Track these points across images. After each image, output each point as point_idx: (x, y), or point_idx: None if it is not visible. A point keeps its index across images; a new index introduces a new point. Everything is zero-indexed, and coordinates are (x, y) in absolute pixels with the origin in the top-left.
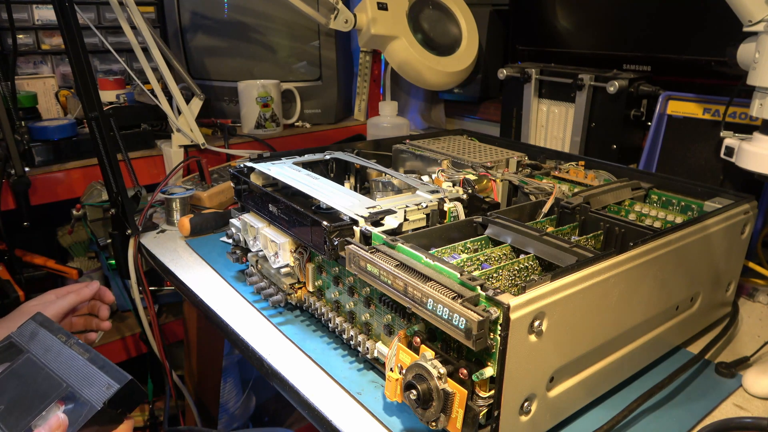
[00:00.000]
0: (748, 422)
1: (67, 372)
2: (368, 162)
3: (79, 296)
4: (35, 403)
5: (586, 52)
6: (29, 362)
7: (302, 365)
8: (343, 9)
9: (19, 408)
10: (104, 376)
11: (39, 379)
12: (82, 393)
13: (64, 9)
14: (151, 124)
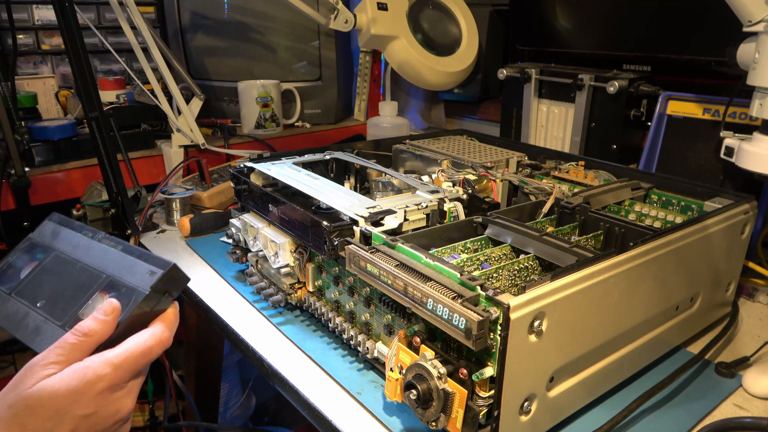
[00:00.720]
0: (748, 422)
1: (104, 264)
2: (368, 162)
3: None
4: (77, 295)
5: (586, 52)
6: (58, 259)
7: (302, 365)
8: (343, 9)
9: (61, 301)
10: (144, 264)
11: (74, 273)
12: (125, 281)
13: (64, 9)
14: (151, 124)
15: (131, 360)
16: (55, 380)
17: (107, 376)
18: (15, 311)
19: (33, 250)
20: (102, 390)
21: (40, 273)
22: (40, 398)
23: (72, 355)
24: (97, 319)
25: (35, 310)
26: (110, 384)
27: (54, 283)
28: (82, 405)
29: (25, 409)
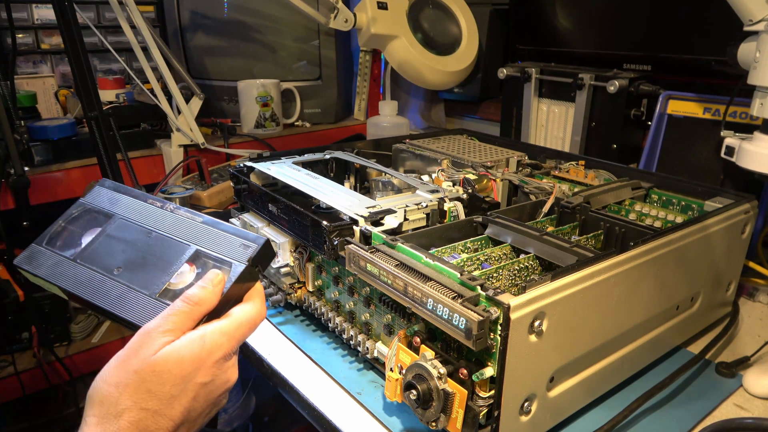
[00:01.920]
0: (749, 423)
1: (187, 235)
2: (368, 162)
3: None
4: (160, 264)
5: (587, 51)
6: (125, 225)
7: (302, 365)
8: (343, 8)
9: (142, 269)
10: (234, 237)
11: (151, 242)
12: (216, 254)
13: (63, 8)
14: (150, 124)
15: (241, 330)
16: (177, 347)
17: (223, 345)
18: (88, 278)
19: (88, 215)
20: (218, 359)
21: (106, 239)
22: (167, 363)
23: (185, 324)
24: (206, 288)
25: (112, 278)
26: (225, 353)
27: (127, 251)
28: (203, 373)
29: (153, 375)
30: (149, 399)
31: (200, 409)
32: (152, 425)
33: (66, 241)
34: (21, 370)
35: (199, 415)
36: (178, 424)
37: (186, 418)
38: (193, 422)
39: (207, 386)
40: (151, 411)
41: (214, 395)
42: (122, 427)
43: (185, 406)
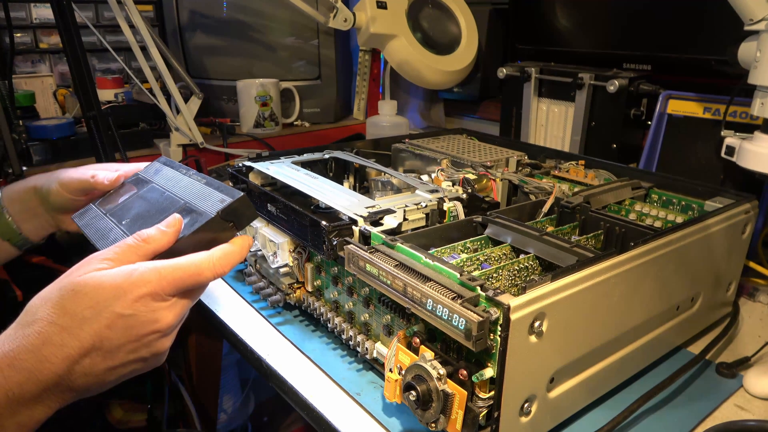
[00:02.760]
0: (751, 425)
1: (185, 193)
2: (367, 161)
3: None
4: (155, 216)
5: (586, 51)
6: (153, 189)
7: (301, 365)
8: (343, 8)
9: (142, 220)
10: (219, 193)
11: (161, 199)
12: (198, 206)
13: (62, 7)
14: (149, 123)
15: (178, 274)
16: (103, 274)
17: (151, 282)
18: (103, 227)
19: (136, 183)
20: (143, 295)
21: (134, 199)
22: (86, 286)
23: (126, 256)
24: (159, 229)
25: (119, 227)
26: (152, 291)
27: (141, 207)
28: (122, 304)
29: (71, 293)
30: (61, 315)
31: (116, 340)
32: (56, 339)
33: (110, 201)
34: None
35: (117, 348)
36: (86, 348)
37: (97, 344)
38: (108, 353)
39: (126, 319)
40: (59, 326)
41: (135, 331)
42: (28, 334)
43: (96, 331)
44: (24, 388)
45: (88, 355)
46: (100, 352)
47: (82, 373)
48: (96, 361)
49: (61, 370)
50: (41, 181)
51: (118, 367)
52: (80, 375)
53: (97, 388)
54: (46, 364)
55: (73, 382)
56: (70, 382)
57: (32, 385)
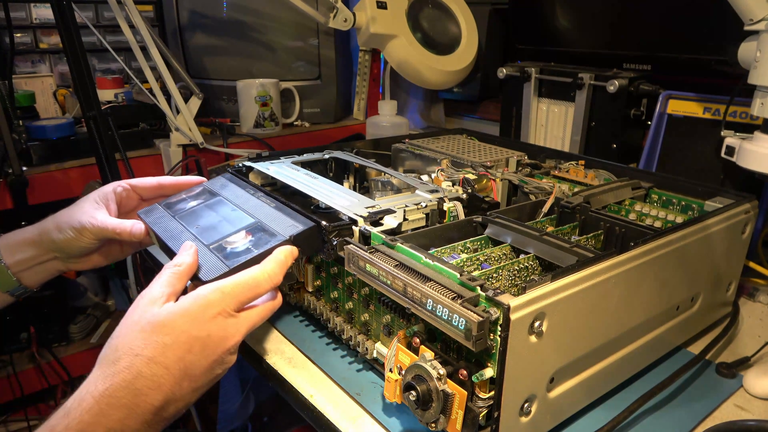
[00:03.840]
0: (752, 425)
1: (257, 212)
2: (367, 161)
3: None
4: (225, 228)
5: (586, 51)
6: (221, 202)
7: (301, 365)
8: (343, 8)
9: (213, 230)
10: (289, 219)
11: (229, 213)
12: (270, 227)
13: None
14: (149, 123)
15: (239, 289)
16: (172, 305)
17: (216, 301)
18: (174, 228)
19: (203, 192)
20: (214, 315)
21: (202, 208)
22: (163, 319)
23: (176, 285)
24: (183, 251)
25: (189, 231)
26: (220, 310)
27: (210, 217)
28: (197, 327)
29: (149, 326)
30: (144, 347)
31: (199, 364)
32: (146, 371)
33: (177, 205)
34: (19, 371)
35: (202, 372)
36: (176, 375)
37: (184, 370)
38: (194, 378)
39: (202, 340)
40: (145, 357)
41: (211, 351)
42: (118, 370)
43: (179, 357)
44: (125, 424)
45: (179, 384)
46: (187, 378)
47: (173, 400)
48: (184, 386)
49: (157, 402)
50: (48, 228)
51: (199, 388)
52: (172, 402)
53: (183, 411)
54: (142, 397)
55: (167, 412)
56: (165, 412)
57: (132, 421)
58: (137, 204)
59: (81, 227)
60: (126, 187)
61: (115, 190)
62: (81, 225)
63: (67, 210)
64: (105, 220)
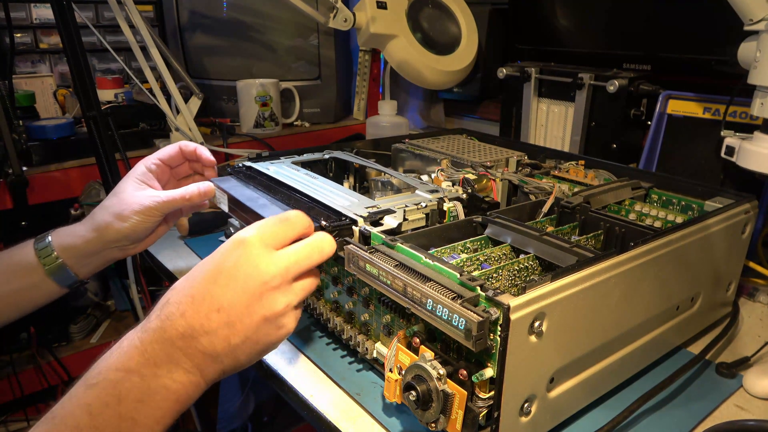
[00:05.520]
0: (751, 425)
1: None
2: (367, 161)
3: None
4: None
5: (586, 51)
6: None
7: (301, 366)
8: (342, 8)
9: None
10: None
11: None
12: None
13: (62, 8)
14: (149, 124)
15: (266, 222)
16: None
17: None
18: (250, 194)
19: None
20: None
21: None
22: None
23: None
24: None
25: (265, 197)
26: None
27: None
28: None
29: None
30: (178, 282)
31: (227, 297)
32: (173, 298)
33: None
34: (19, 371)
35: (232, 305)
36: (200, 305)
37: (210, 301)
38: (224, 311)
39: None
40: (174, 289)
41: (241, 282)
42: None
43: (205, 287)
44: (155, 348)
45: (206, 315)
46: (215, 310)
47: (203, 331)
48: (213, 318)
49: (181, 327)
50: (106, 222)
51: (239, 329)
52: (202, 333)
53: (230, 355)
54: (168, 322)
55: (199, 342)
56: (195, 341)
57: (161, 344)
58: (168, 175)
59: (146, 208)
60: (156, 162)
61: (149, 167)
62: (145, 206)
63: (114, 200)
64: (169, 194)
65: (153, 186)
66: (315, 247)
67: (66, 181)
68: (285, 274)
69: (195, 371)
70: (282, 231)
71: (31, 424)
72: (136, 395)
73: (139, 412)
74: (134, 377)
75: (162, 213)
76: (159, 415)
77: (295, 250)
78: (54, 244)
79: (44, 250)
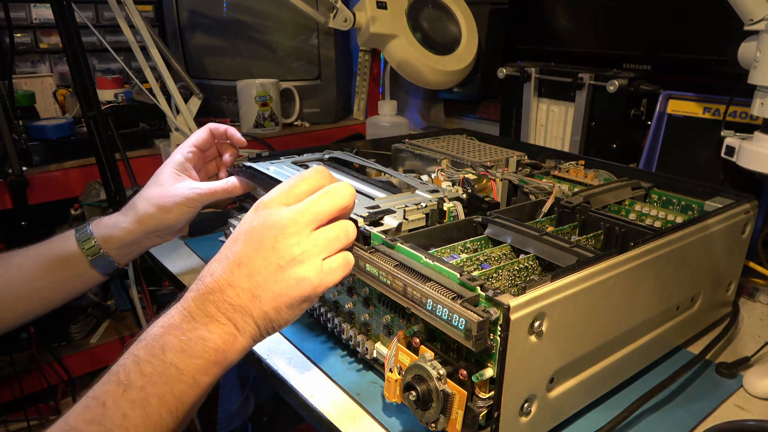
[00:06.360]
0: (751, 425)
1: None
2: (367, 161)
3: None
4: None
5: (586, 50)
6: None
7: (301, 366)
8: (342, 8)
9: None
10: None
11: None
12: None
13: (62, 8)
14: (149, 123)
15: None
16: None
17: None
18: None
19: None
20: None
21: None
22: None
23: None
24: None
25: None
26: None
27: None
28: (244, 222)
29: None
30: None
31: (247, 252)
32: (208, 266)
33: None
34: (20, 371)
35: (251, 258)
36: (224, 263)
37: (233, 259)
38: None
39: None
40: (212, 259)
41: (258, 237)
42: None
43: (228, 247)
44: (191, 306)
45: (230, 270)
46: (236, 264)
47: (227, 284)
48: (236, 272)
49: (210, 283)
50: (149, 213)
51: (259, 280)
52: (227, 287)
53: (257, 308)
54: (200, 283)
55: (226, 294)
56: (223, 294)
57: (196, 302)
58: (202, 161)
59: (188, 200)
60: (192, 150)
61: (186, 156)
62: (187, 198)
63: (155, 191)
64: (210, 186)
65: (191, 175)
66: (326, 193)
67: (66, 181)
68: (297, 221)
69: (228, 323)
70: (296, 188)
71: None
72: (177, 346)
73: (182, 361)
74: (176, 331)
75: (203, 204)
76: (200, 364)
77: (307, 199)
78: (96, 235)
79: (87, 241)
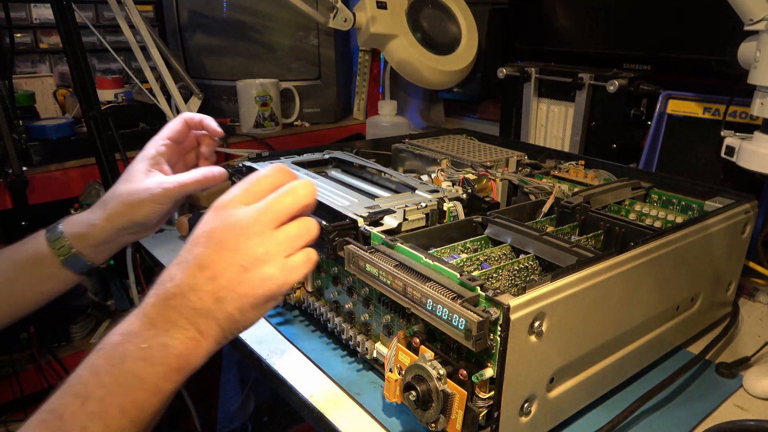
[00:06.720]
0: (751, 425)
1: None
2: (367, 161)
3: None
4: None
5: (586, 50)
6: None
7: (301, 366)
8: (342, 8)
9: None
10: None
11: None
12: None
13: (62, 8)
14: (149, 123)
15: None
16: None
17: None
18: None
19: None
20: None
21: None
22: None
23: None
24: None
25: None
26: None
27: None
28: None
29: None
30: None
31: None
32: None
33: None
34: (20, 371)
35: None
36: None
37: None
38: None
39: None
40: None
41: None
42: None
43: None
44: (152, 312)
45: (192, 275)
46: (198, 267)
47: (189, 288)
48: (198, 275)
49: (171, 289)
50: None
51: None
52: (189, 291)
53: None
54: (161, 288)
55: (188, 299)
56: (185, 299)
57: (157, 308)
58: (178, 153)
59: (157, 197)
60: (165, 142)
61: (158, 150)
62: (154, 194)
63: (125, 188)
64: (177, 180)
65: (163, 170)
66: (288, 191)
67: (66, 181)
68: (258, 221)
69: (190, 328)
70: (255, 186)
71: None
72: (138, 354)
73: (143, 369)
74: (135, 339)
75: (174, 199)
76: (163, 372)
77: (267, 198)
78: (66, 234)
79: (57, 241)
